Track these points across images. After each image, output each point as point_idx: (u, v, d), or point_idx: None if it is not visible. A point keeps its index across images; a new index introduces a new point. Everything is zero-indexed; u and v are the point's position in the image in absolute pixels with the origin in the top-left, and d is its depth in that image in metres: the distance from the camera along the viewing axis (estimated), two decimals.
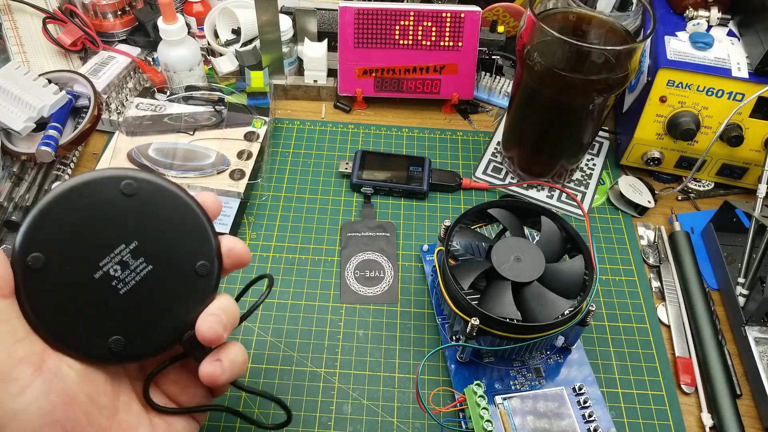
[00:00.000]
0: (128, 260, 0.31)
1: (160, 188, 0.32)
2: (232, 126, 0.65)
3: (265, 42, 0.69)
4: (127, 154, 0.61)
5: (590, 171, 0.67)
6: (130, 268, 0.31)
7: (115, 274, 0.31)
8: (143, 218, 0.31)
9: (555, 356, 0.50)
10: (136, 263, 0.31)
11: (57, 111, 0.63)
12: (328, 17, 0.74)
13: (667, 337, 0.54)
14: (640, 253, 0.60)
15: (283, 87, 0.73)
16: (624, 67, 0.52)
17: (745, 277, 0.55)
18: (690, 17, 0.63)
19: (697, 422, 0.49)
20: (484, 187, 0.65)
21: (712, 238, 0.59)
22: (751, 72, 0.58)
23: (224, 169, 0.61)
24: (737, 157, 0.62)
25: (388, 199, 0.64)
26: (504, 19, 0.77)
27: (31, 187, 0.61)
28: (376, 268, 0.58)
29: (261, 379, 0.50)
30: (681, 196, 0.66)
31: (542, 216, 0.52)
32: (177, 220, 0.32)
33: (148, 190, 0.32)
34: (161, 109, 0.66)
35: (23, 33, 0.73)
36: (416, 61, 0.69)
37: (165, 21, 0.64)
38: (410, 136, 0.71)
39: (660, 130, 0.62)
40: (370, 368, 0.51)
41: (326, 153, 0.68)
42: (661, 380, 0.51)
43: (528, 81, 0.57)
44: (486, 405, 0.44)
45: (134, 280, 0.31)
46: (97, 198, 0.31)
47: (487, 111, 0.75)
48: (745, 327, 0.53)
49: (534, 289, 0.47)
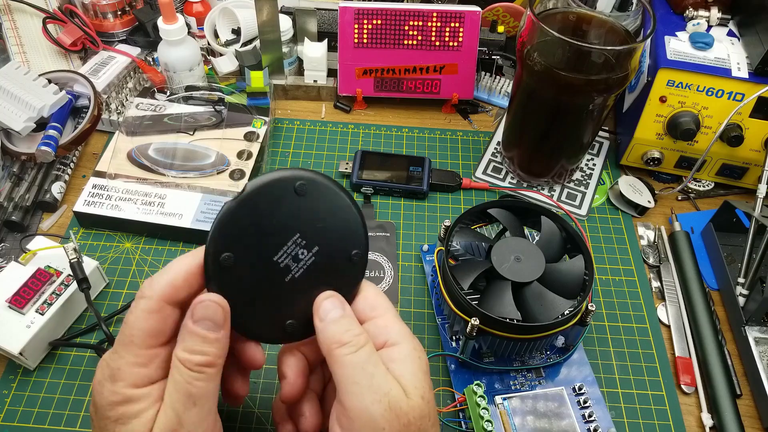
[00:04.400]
0: (298, 252, 0.34)
1: (325, 186, 0.35)
2: (232, 126, 0.65)
3: (265, 42, 0.69)
4: (127, 154, 0.61)
5: (590, 171, 0.67)
6: (299, 258, 0.34)
7: (289, 265, 0.34)
8: (311, 214, 0.34)
9: (555, 356, 0.50)
10: (304, 253, 0.34)
11: (57, 111, 0.63)
12: (328, 17, 0.74)
13: (667, 337, 0.54)
14: (640, 253, 0.60)
15: (283, 87, 0.73)
16: (624, 67, 0.52)
17: (745, 277, 0.55)
18: (690, 17, 0.63)
19: (697, 422, 0.49)
20: (484, 187, 0.65)
21: (712, 238, 0.59)
22: (751, 72, 0.58)
23: (224, 169, 0.61)
24: (737, 157, 0.62)
25: (388, 199, 0.64)
26: (504, 19, 0.77)
27: (31, 187, 0.61)
28: (376, 268, 0.58)
29: (261, 379, 0.50)
30: (681, 196, 0.66)
31: (542, 216, 0.52)
32: (337, 214, 0.35)
33: (315, 189, 0.34)
34: (161, 109, 0.66)
35: (23, 33, 0.73)
36: (416, 61, 0.69)
37: (165, 21, 0.64)
38: (410, 136, 0.71)
39: (660, 130, 0.62)
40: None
41: (326, 153, 0.68)
42: (661, 380, 0.51)
43: (528, 81, 0.57)
44: (486, 405, 0.44)
45: (302, 269, 0.35)
46: (275, 198, 0.34)
47: (487, 111, 0.75)
48: (745, 327, 0.53)
49: (534, 289, 0.47)
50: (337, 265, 0.36)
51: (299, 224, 0.34)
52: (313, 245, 0.34)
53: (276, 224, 0.33)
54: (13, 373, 0.50)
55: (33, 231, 0.60)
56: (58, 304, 0.50)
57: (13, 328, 0.48)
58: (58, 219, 0.61)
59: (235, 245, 0.33)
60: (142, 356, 0.32)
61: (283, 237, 0.34)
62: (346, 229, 0.36)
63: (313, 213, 0.34)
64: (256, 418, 0.48)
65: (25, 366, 0.49)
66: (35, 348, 0.49)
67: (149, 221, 0.57)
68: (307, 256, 0.34)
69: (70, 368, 0.50)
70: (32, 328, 0.48)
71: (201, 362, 0.32)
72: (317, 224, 0.35)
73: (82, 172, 0.65)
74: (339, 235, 0.35)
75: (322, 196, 0.35)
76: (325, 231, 0.35)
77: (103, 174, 0.60)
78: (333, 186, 0.35)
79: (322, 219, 0.35)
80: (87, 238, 0.59)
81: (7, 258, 0.57)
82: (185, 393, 0.31)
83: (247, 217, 0.33)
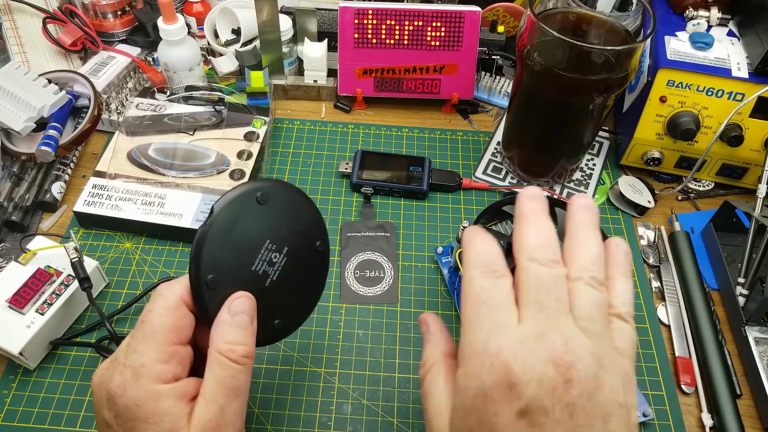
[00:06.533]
0: (271, 256, 0.36)
1: (281, 190, 0.37)
2: (232, 126, 0.65)
3: (265, 42, 0.69)
4: (127, 154, 0.61)
5: (590, 171, 0.67)
6: (274, 262, 0.36)
7: (266, 270, 0.36)
8: (275, 219, 0.37)
9: None
10: (277, 256, 0.37)
11: (57, 111, 0.63)
12: (328, 17, 0.74)
13: (667, 337, 0.54)
14: (640, 253, 0.60)
15: (283, 87, 0.73)
16: (624, 67, 0.52)
17: (745, 277, 0.55)
18: (690, 17, 0.63)
19: (697, 422, 0.49)
20: (484, 187, 0.65)
21: (712, 238, 0.59)
22: (751, 72, 0.58)
23: (224, 169, 0.61)
24: (737, 157, 0.62)
25: (388, 199, 0.64)
26: (504, 19, 0.77)
27: (31, 187, 0.61)
28: (376, 268, 0.58)
29: (261, 379, 0.50)
30: (681, 196, 0.66)
31: (556, 208, 0.52)
32: (297, 213, 0.38)
33: (274, 195, 0.36)
34: (161, 109, 0.66)
35: (23, 33, 0.73)
36: (416, 61, 0.69)
37: (165, 21, 0.64)
38: (410, 136, 0.71)
39: (660, 130, 0.62)
40: (370, 368, 0.51)
41: (326, 153, 0.68)
42: (661, 380, 0.51)
43: (528, 81, 0.57)
44: None
45: (278, 270, 0.37)
46: (241, 212, 0.35)
47: (487, 111, 0.75)
48: (745, 327, 0.53)
49: None
50: (307, 258, 0.38)
51: (267, 231, 0.36)
52: (282, 247, 0.37)
53: (247, 236, 0.35)
54: (13, 373, 0.50)
55: (33, 231, 0.60)
56: (58, 304, 0.50)
57: (13, 328, 0.48)
58: (58, 219, 0.61)
59: (215, 265, 0.34)
60: (164, 352, 0.32)
61: (256, 246, 0.36)
62: (308, 225, 0.38)
63: (277, 217, 0.37)
64: (256, 418, 0.48)
65: (25, 366, 0.49)
66: (35, 348, 0.49)
67: (149, 221, 0.57)
68: (280, 259, 0.37)
69: (71, 368, 0.50)
70: (32, 328, 0.48)
71: (244, 353, 0.33)
72: (282, 227, 0.37)
73: (82, 172, 0.65)
74: (302, 232, 0.38)
75: (281, 200, 0.37)
76: (290, 231, 0.37)
77: (103, 174, 0.60)
78: (289, 189, 0.38)
79: (285, 221, 0.37)
80: (87, 238, 0.59)
81: (7, 258, 0.57)
82: (229, 386, 0.33)
83: (220, 237, 0.34)
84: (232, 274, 0.35)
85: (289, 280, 0.37)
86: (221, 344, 0.33)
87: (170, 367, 0.32)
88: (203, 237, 0.34)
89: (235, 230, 0.35)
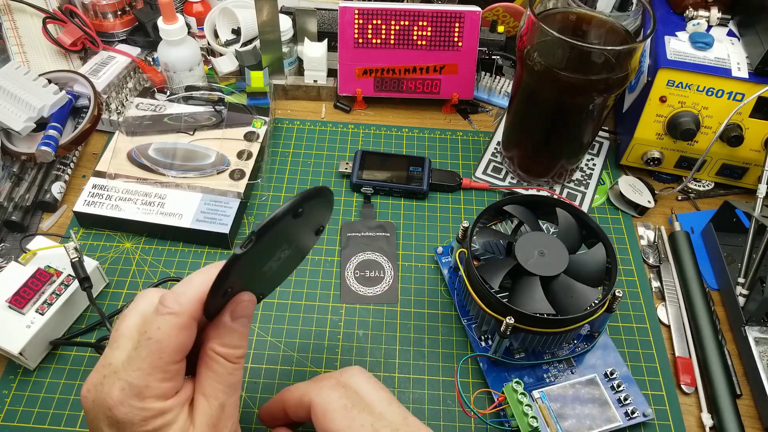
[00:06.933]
0: (280, 254, 0.36)
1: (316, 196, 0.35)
2: (232, 126, 0.65)
3: (265, 42, 0.69)
4: (127, 154, 0.61)
5: (590, 171, 0.67)
6: (281, 257, 0.37)
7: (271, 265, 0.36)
8: (303, 225, 0.36)
9: (582, 344, 0.51)
10: (286, 252, 0.37)
11: (57, 111, 0.63)
12: (328, 17, 0.74)
13: (667, 337, 0.54)
14: (640, 253, 0.60)
15: (283, 87, 0.73)
16: (624, 67, 0.52)
17: (745, 277, 0.55)
18: (690, 17, 0.63)
19: (697, 422, 0.49)
20: (484, 187, 0.65)
21: (712, 238, 0.59)
22: (751, 72, 0.58)
23: (224, 169, 0.61)
24: (737, 157, 0.62)
25: (388, 199, 0.64)
26: (504, 19, 0.77)
27: (31, 187, 0.61)
28: (376, 268, 0.58)
29: (261, 379, 0.50)
30: (681, 196, 0.66)
31: (557, 208, 0.52)
32: (321, 214, 0.38)
33: (310, 205, 0.35)
34: (161, 109, 0.66)
35: (23, 33, 0.73)
36: (416, 61, 0.69)
37: (165, 21, 0.64)
38: (410, 136, 0.71)
39: (660, 130, 0.62)
40: (370, 368, 0.51)
41: (326, 153, 0.68)
42: (661, 380, 0.51)
43: (528, 81, 0.57)
44: (529, 402, 0.45)
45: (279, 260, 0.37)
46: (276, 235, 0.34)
47: (487, 111, 0.75)
48: (745, 327, 0.53)
49: (561, 281, 0.47)
50: (306, 243, 0.39)
51: (291, 239, 0.36)
52: (293, 244, 0.37)
53: (273, 249, 0.35)
54: (13, 373, 0.50)
55: (33, 231, 0.60)
56: (58, 304, 0.50)
57: (13, 328, 0.48)
58: (58, 219, 0.61)
59: (237, 279, 0.34)
60: (169, 372, 0.32)
61: (275, 252, 0.36)
62: (322, 220, 0.39)
63: (304, 224, 0.36)
64: (255, 418, 0.48)
65: (25, 366, 0.49)
66: (35, 348, 0.49)
67: (149, 221, 0.57)
68: (286, 253, 0.37)
69: (70, 368, 0.50)
70: (32, 328, 0.48)
71: (240, 355, 0.35)
72: (303, 229, 0.37)
73: (82, 172, 0.65)
74: (315, 226, 0.39)
75: (312, 207, 0.35)
76: (307, 230, 0.38)
77: (103, 174, 0.60)
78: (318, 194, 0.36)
79: (308, 224, 0.37)
80: (87, 238, 0.59)
81: (7, 258, 0.57)
82: (228, 384, 0.34)
83: (252, 260, 0.33)
84: (246, 281, 0.35)
85: (285, 263, 0.38)
86: (221, 347, 0.34)
87: (173, 384, 0.32)
88: (236, 260, 0.32)
89: (266, 250, 0.34)
